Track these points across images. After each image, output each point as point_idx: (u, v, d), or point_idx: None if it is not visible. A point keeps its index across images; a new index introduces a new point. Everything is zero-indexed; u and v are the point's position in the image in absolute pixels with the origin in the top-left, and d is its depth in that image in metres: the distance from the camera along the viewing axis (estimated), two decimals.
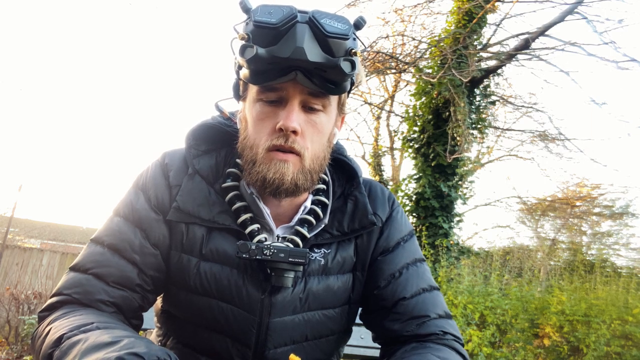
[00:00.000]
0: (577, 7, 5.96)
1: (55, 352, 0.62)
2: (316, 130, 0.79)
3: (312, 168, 0.80)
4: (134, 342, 0.57)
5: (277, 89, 0.76)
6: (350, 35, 0.71)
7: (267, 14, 0.70)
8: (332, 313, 0.87)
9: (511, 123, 9.74)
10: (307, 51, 0.70)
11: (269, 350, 0.81)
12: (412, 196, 6.93)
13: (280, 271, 0.78)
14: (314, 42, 0.70)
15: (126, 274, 0.78)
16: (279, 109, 0.77)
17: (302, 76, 0.73)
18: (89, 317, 0.69)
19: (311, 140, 0.78)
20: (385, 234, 0.91)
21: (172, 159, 0.87)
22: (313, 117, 0.78)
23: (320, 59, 0.71)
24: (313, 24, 0.70)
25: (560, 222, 13.52)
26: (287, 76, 0.73)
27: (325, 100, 0.79)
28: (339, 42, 0.71)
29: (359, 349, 1.87)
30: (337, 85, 0.76)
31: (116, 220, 0.82)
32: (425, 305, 0.85)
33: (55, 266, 7.20)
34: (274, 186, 0.77)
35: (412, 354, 0.76)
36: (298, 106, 0.76)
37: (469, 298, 4.51)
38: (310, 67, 0.72)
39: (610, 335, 4.03)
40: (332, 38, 0.70)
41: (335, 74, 0.73)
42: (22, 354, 4.36)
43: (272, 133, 0.77)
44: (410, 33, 7.36)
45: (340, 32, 0.71)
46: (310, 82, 0.74)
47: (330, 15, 0.72)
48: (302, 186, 0.79)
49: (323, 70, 0.73)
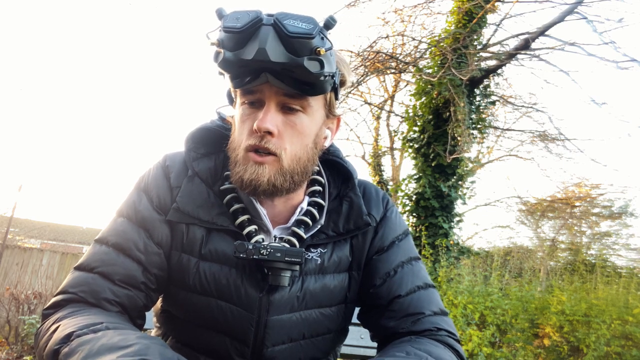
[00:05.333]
0: (577, 7, 5.96)
1: (63, 349, 0.61)
2: (296, 132, 0.79)
3: (292, 169, 0.80)
4: (147, 347, 0.57)
5: (255, 92, 0.78)
6: (315, 34, 0.71)
7: (234, 19, 0.72)
8: (329, 311, 0.88)
9: (511, 123, 9.77)
10: (270, 52, 0.70)
11: (267, 348, 0.82)
12: (412, 196, 6.93)
13: (277, 270, 0.79)
14: (277, 42, 0.71)
15: (131, 273, 0.79)
16: (258, 110, 0.79)
17: (273, 77, 0.74)
18: (97, 316, 0.69)
19: (290, 142, 0.79)
20: (380, 233, 0.92)
21: (173, 161, 0.88)
22: (292, 118, 0.79)
23: (283, 59, 0.71)
24: (276, 25, 0.71)
25: (560, 222, 13.53)
26: (259, 79, 0.75)
27: (304, 101, 0.79)
28: (302, 42, 0.71)
29: (358, 349, 1.88)
30: (311, 86, 0.76)
31: (120, 221, 0.84)
32: (420, 303, 0.86)
33: (55, 266, 7.20)
34: (251, 187, 0.78)
35: (393, 345, 0.78)
36: (275, 107, 0.78)
37: (469, 298, 4.51)
38: (277, 68, 0.73)
39: (610, 335, 4.03)
40: (294, 38, 0.71)
41: (303, 73, 0.73)
42: (22, 354, 4.36)
43: (250, 134, 0.78)
44: (410, 33, 7.37)
45: (302, 32, 0.71)
46: (281, 83, 0.75)
47: (295, 16, 0.73)
48: (282, 187, 0.80)
49: (290, 71, 0.73)
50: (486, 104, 7.43)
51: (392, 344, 0.80)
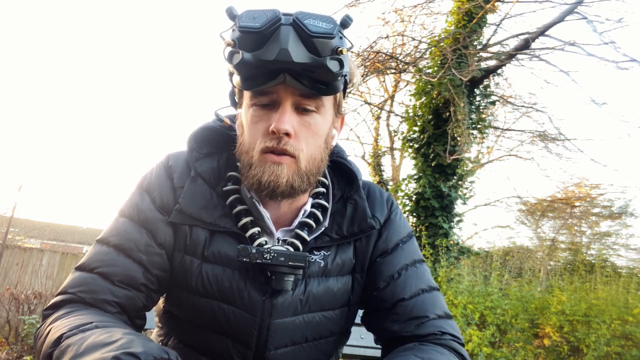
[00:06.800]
0: (577, 7, 5.96)
1: (55, 352, 0.62)
2: (311, 132, 0.79)
3: (308, 170, 0.80)
4: (131, 341, 0.57)
5: (269, 93, 0.76)
6: (335, 34, 0.71)
7: (251, 19, 0.71)
8: (332, 315, 0.87)
9: (511, 123, 9.76)
10: (292, 52, 0.70)
11: (270, 352, 0.81)
12: (412, 196, 6.93)
13: (280, 275, 0.78)
14: (298, 43, 0.70)
15: (131, 274, 0.79)
16: (272, 112, 0.77)
17: (291, 78, 0.73)
18: (89, 316, 0.69)
19: (306, 142, 0.78)
20: (383, 236, 0.91)
21: (176, 161, 0.87)
22: (307, 119, 0.78)
23: (306, 59, 0.71)
24: (297, 25, 0.70)
25: (560, 222, 13.53)
26: (276, 79, 0.73)
27: (318, 101, 0.78)
28: (323, 42, 0.70)
29: (358, 349, 1.88)
30: (327, 86, 0.76)
31: (122, 221, 0.83)
32: (424, 306, 0.85)
33: (55, 266, 7.19)
34: (270, 189, 0.77)
35: (398, 354, 0.76)
36: (290, 108, 0.77)
37: (469, 298, 4.51)
38: (297, 69, 0.72)
39: (610, 335, 4.03)
40: (316, 38, 0.70)
41: (323, 73, 0.73)
42: (22, 354, 4.36)
43: (266, 136, 0.77)
44: (410, 33, 7.37)
45: (324, 32, 0.70)
46: (299, 83, 0.74)
47: (314, 16, 0.72)
48: (299, 188, 0.79)
49: (310, 71, 0.73)
50: (486, 104, 7.43)
51: (396, 352, 0.79)
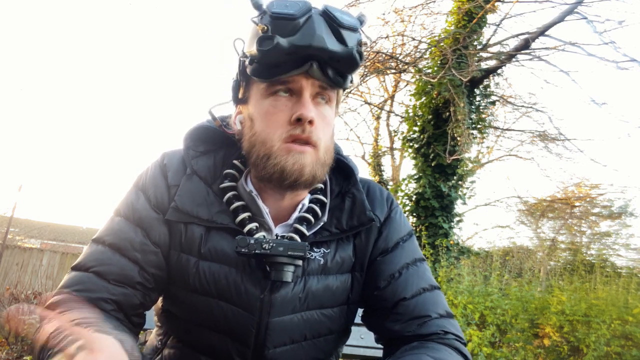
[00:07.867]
0: (577, 7, 5.95)
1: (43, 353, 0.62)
2: (325, 123, 0.81)
3: (325, 160, 0.81)
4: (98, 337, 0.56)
5: (288, 82, 0.78)
6: (359, 27, 0.76)
7: (284, 6, 0.73)
8: (331, 313, 0.87)
9: (511, 123, 9.77)
10: (326, 40, 0.73)
11: (268, 350, 0.81)
12: (412, 196, 6.93)
13: (279, 265, 0.77)
14: (329, 32, 0.74)
15: (127, 272, 0.79)
16: (291, 101, 0.78)
17: (316, 67, 0.75)
18: (79, 314, 0.68)
19: (323, 132, 0.80)
20: (384, 234, 0.91)
21: (171, 159, 0.87)
22: (321, 110, 0.80)
23: (337, 48, 0.74)
24: (327, 16, 0.74)
25: (560, 222, 13.53)
26: (302, 67, 0.75)
27: (332, 93, 0.81)
28: (351, 34, 0.75)
29: (359, 349, 1.88)
30: (344, 78, 0.79)
31: (117, 220, 0.83)
32: (425, 305, 0.85)
33: (55, 266, 7.19)
34: (293, 178, 0.77)
35: (408, 353, 0.76)
36: (310, 98, 0.78)
37: (469, 298, 4.51)
38: (326, 57, 0.75)
39: (610, 335, 4.02)
40: (345, 29, 0.74)
41: (348, 64, 0.76)
42: (22, 354, 4.36)
43: (288, 124, 0.77)
44: (410, 33, 7.37)
45: (352, 24, 0.75)
46: (322, 74, 0.76)
47: (340, 10, 0.76)
48: (319, 178, 0.80)
49: (337, 61, 0.76)
50: (486, 104, 7.44)
51: (404, 351, 0.78)
